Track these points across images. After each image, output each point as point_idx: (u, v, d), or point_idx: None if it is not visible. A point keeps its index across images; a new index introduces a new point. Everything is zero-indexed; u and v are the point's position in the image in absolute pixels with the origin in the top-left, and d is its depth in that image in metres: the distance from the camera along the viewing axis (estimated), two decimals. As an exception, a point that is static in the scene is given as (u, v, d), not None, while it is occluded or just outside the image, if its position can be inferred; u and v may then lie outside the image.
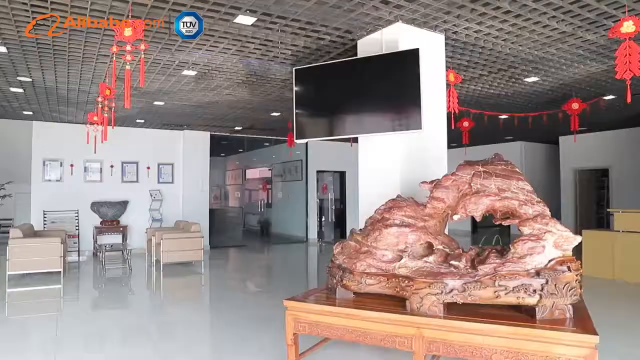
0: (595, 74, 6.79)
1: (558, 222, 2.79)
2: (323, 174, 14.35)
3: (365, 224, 3.42)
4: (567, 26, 4.92)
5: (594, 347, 2.44)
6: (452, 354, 2.78)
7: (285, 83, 7.08)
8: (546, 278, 2.70)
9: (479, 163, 3.05)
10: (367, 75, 4.69)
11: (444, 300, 2.83)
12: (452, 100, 5.38)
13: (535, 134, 13.13)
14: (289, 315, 3.33)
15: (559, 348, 2.52)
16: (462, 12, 4.52)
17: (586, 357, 2.45)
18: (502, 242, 3.39)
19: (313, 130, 5.32)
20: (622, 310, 5.75)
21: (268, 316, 5.25)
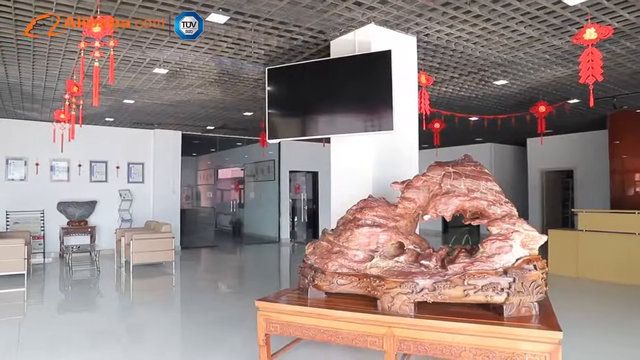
0: (561, 78, 6.99)
1: (525, 222, 2.85)
2: (296, 174, 14.34)
3: (337, 224, 3.44)
4: (534, 31, 5.05)
5: (558, 343, 2.51)
6: (422, 352, 2.82)
7: (258, 83, 7.04)
8: (513, 276, 2.76)
9: (449, 164, 3.10)
10: (340, 76, 4.71)
11: (414, 300, 2.87)
12: (424, 101, 5.45)
13: (504, 136, 13.43)
14: (260, 316, 3.31)
15: (525, 344, 2.58)
16: (434, 15, 4.58)
17: (550, 352, 2.52)
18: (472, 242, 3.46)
19: (286, 130, 5.31)
20: (585, 307, 5.93)
21: (240, 317, 5.21)
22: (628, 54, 5.95)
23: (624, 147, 10.29)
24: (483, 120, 9.30)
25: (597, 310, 5.82)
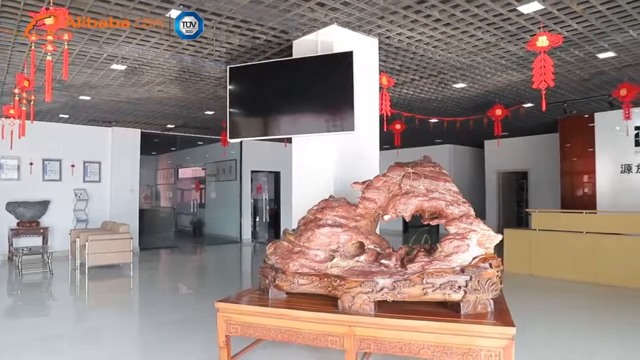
0: (516, 82, 7.23)
1: (481, 222, 2.93)
2: (257, 173, 14.26)
3: (298, 224, 3.43)
4: (491, 37, 5.21)
5: (511, 338, 2.59)
6: (382, 350, 2.85)
7: (220, 81, 6.95)
8: (470, 275, 2.83)
9: (408, 165, 3.15)
10: (302, 76, 4.72)
11: (374, 299, 2.90)
12: (385, 102, 5.53)
13: (462, 138, 13.78)
14: (220, 317, 3.27)
15: (480, 340, 2.65)
16: (395, 18, 4.65)
17: (504, 347, 2.59)
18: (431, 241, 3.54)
19: (247, 129, 5.27)
20: (537, 303, 6.16)
21: (200, 319, 5.13)
22: (577, 62, 6.23)
23: (574, 150, 10.77)
24: (442, 122, 9.51)
25: (548, 305, 6.05)
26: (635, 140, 9.59)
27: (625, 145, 9.70)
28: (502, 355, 2.59)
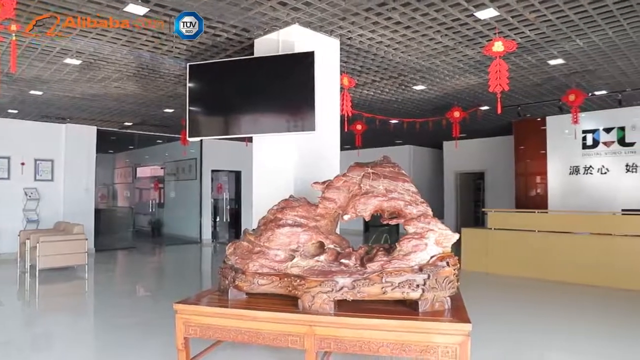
0: (474, 86, 7.44)
1: (439, 221, 3.00)
2: (218, 173, 14.08)
3: (258, 224, 3.41)
4: (450, 41, 5.33)
5: (467, 334, 2.66)
6: (342, 349, 2.87)
7: (180, 79, 6.82)
8: (428, 273, 2.89)
9: (368, 165, 3.18)
10: (264, 75, 4.69)
11: (334, 298, 2.91)
12: (346, 103, 5.57)
13: (422, 139, 14.06)
14: (179, 319, 3.20)
15: (438, 337, 2.71)
16: (357, 20, 4.70)
17: (460, 343, 2.66)
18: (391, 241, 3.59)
19: (207, 128, 5.19)
20: (493, 299, 6.35)
21: (158, 321, 5.02)
22: (530, 67, 6.47)
23: (527, 151, 11.18)
24: (403, 123, 9.67)
25: (502, 302, 6.26)
26: (583, 143, 10.06)
27: (574, 148, 10.16)
28: (458, 351, 2.66)
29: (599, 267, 6.99)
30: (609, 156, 9.75)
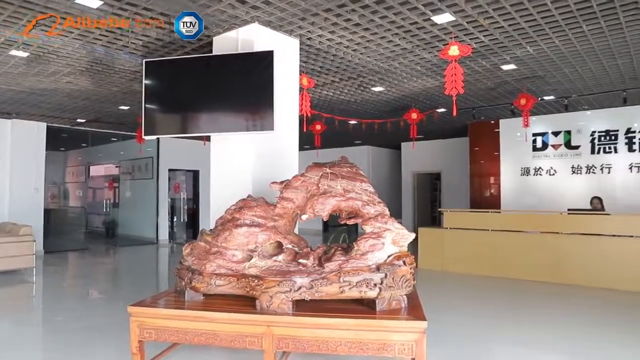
0: (431, 88, 7.61)
1: (396, 221, 3.05)
2: (175, 172, 13.81)
3: (215, 224, 3.37)
4: (408, 44, 5.44)
5: (423, 331, 2.72)
6: (300, 349, 2.88)
7: (136, 75, 6.64)
8: (385, 272, 2.94)
9: (326, 165, 3.21)
10: (222, 74, 4.63)
11: (292, 298, 2.92)
12: (305, 103, 5.58)
13: (380, 140, 14.25)
14: (133, 322, 3.13)
15: (395, 335, 2.76)
16: (316, 20, 4.71)
17: (417, 340, 2.72)
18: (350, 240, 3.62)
19: (164, 126, 5.07)
20: (449, 297, 6.52)
21: (111, 325, 4.87)
22: (484, 72, 6.68)
23: (481, 153, 11.54)
24: (361, 124, 9.78)
25: (458, 299, 6.43)
26: (533, 145, 10.48)
27: (525, 150, 10.58)
28: (414, 348, 2.72)
29: (548, 264, 7.30)
30: (557, 158, 10.20)
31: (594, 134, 9.74)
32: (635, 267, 6.61)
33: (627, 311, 5.68)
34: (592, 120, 9.78)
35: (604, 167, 9.64)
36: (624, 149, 9.40)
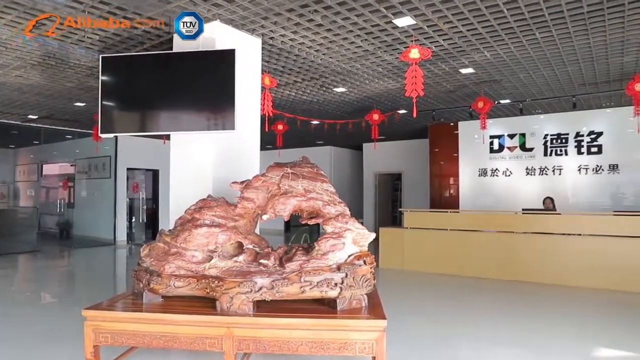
0: (392, 90, 7.72)
1: (356, 221, 3.08)
2: (134, 171, 13.47)
3: (175, 225, 3.31)
4: (369, 45, 5.50)
5: (383, 330, 2.76)
6: (261, 350, 2.86)
7: (92, 71, 6.44)
8: (346, 272, 2.96)
9: (287, 165, 3.20)
10: (183, 72, 4.55)
11: (253, 299, 2.90)
12: (267, 103, 5.55)
13: (342, 140, 14.35)
14: (88, 326, 3.03)
15: (355, 334, 2.79)
16: (279, 20, 4.70)
17: (377, 339, 2.75)
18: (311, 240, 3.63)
19: (122, 124, 4.93)
20: (408, 295, 6.63)
21: (65, 330, 4.70)
22: (444, 75, 6.84)
23: (441, 154, 11.81)
24: (323, 124, 9.82)
25: (417, 297, 6.55)
26: (490, 147, 10.81)
27: (482, 152, 10.90)
28: (374, 347, 2.75)
29: (504, 263, 7.55)
30: (512, 160, 10.56)
31: (546, 137, 10.15)
32: (583, 264, 6.92)
33: (577, 305, 5.94)
34: (545, 124, 10.18)
35: (556, 169, 10.05)
36: (573, 151, 9.84)
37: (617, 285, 6.61)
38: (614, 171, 9.44)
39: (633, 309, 5.72)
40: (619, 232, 6.83)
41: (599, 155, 9.58)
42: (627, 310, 5.70)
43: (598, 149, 9.59)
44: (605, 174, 9.53)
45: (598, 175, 9.60)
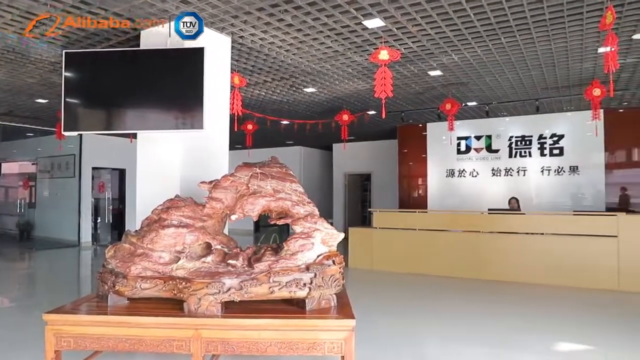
0: (361, 91, 7.78)
1: (325, 221, 3.09)
2: (100, 170, 13.14)
3: (141, 225, 3.25)
4: (339, 46, 5.53)
5: (352, 329, 2.78)
6: (230, 352, 2.84)
7: (55, 66, 6.24)
8: (315, 272, 2.96)
9: (256, 165, 3.19)
10: (150, 69, 4.46)
11: (221, 300, 2.87)
12: (236, 102, 5.51)
13: (312, 140, 14.37)
14: (49, 331, 2.93)
15: (324, 334, 2.80)
16: (249, 19, 4.67)
17: (345, 338, 2.77)
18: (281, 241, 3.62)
19: (87, 122, 4.80)
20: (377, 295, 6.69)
21: (25, 336, 4.54)
22: (412, 77, 6.93)
23: (410, 155, 11.97)
24: (293, 125, 9.81)
25: (386, 296, 6.62)
26: (457, 149, 11.03)
27: (450, 153, 11.10)
28: (343, 346, 2.77)
29: (471, 261, 7.71)
30: (479, 161, 10.80)
31: (511, 139, 10.42)
32: (545, 262, 7.14)
33: (539, 302, 6.12)
34: (510, 126, 10.45)
35: (520, 170, 10.33)
36: (537, 153, 10.14)
37: (577, 283, 6.85)
38: (574, 172, 9.78)
39: (592, 305, 5.94)
40: (579, 231, 7.08)
41: (560, 157, 9.91)
42: (585, 306, 5.92)
43: (560, 151, 9.91)
44: (566, 175, 9.86)
45: (560, 177, 9.93)
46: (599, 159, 9.55)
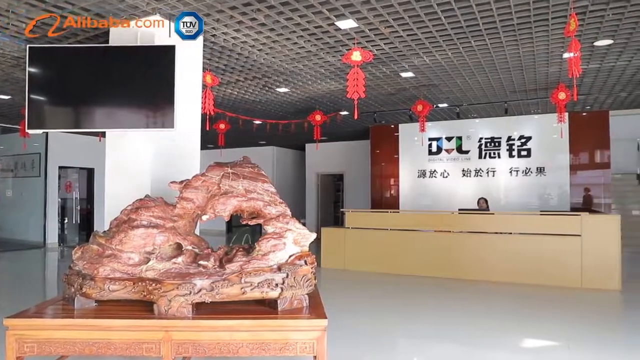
0: (334, 91, 7.81)
1: (297, 221, 3.09)
2: (67, 170, 12.80)
3: (110, 226, 3.18)
4: (312, 46, 5.53)
5: (324, 329, 2.78)
6: (201, 353, 2.80)
7: (18, 61, 6.05)
8: (287, 272, 2.96)
9: (228, 165, 3.16)
10: (120, 67, 4.37)
11: (192, 301, 2.83)
12: (208, 101, 5.45)
13: (285, 140, 14.34)
14: (10, 336, 2.83)
15: (296, 334, 2.79)
16: (221, 17, 4.63)
17: (317, 339, 2.77)
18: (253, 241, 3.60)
19: (53, 120, 4.66)
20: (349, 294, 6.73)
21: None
22: (384, 78, 7.00)
23: (382, 155, 12.07)
24: (266, 124, 9.77)
25: (358, 295, 6.66)
26: (429, 149, 11.19)
27: (421, 154, 11.26)
28: (315, 346, 2.77)
29: (441, 261, 7.82)
30: (450, 162, 10.98)
31: (481, 140, 10.64)
32: (514, 261, 7.31)
33: (508, 300, 6.26)
34: (480, 128, 10.67)
35: (490, 171, 10.56)
36: (505, 154, 10.39)
37: (543, 280, 7.04)
38: (541, 173, 10.06)
39: (558, 302, 6.12)
40: (545, 231, 7.27)
41: (528, 159, 10.18)
42: (550, 303, 6.09)
43: (527, 152, 10.17)
44: (533, 176, 10.13)
45: (527, 177, 10.19)
46: (564, 161, 9.85)
